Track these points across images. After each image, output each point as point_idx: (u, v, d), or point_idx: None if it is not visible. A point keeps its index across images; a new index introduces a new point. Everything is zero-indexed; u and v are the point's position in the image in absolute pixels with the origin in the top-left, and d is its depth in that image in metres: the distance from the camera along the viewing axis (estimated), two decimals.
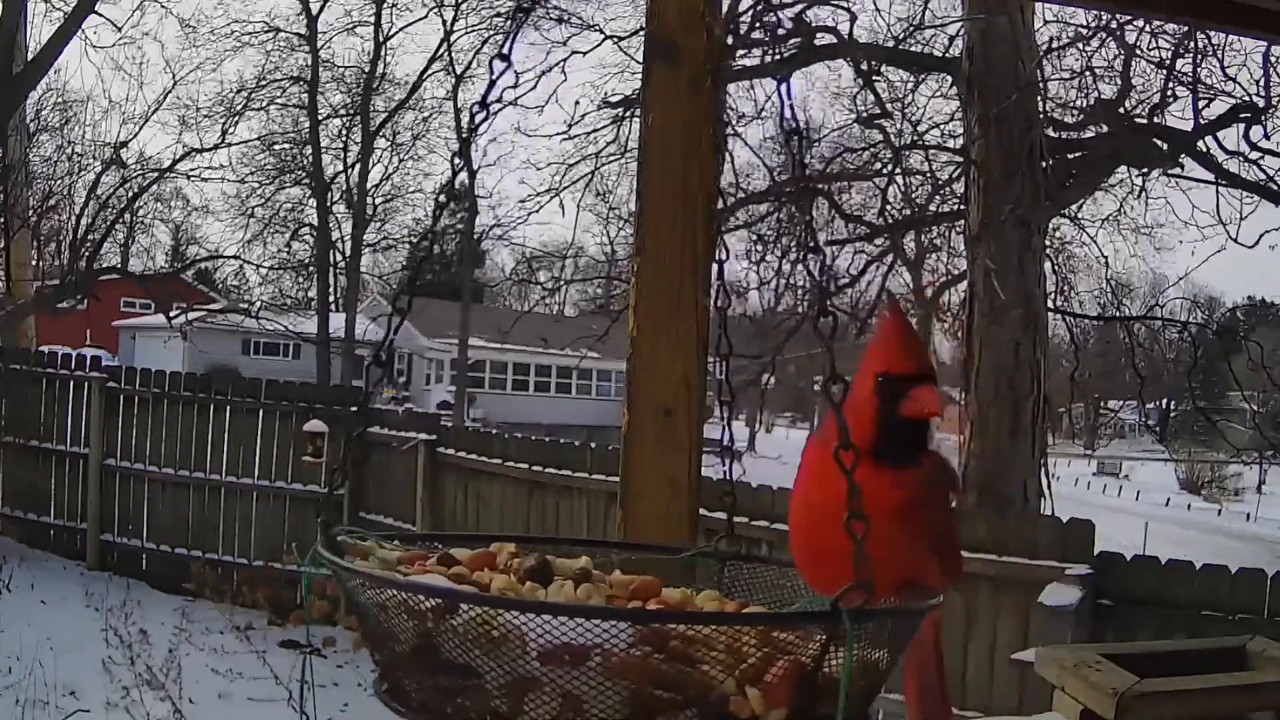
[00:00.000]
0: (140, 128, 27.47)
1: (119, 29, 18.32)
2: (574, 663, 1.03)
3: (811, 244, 1.35)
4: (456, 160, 1.51)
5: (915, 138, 10.74)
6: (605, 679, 1.03)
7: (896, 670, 1.21)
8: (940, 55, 9.86)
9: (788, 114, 1.36)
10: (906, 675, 1.38)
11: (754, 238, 11.15)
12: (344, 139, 29.42)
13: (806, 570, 1.28)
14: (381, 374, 1.51)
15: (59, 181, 18.68)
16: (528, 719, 1.04)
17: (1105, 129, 9.49)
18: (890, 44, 10.14)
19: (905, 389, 1.22)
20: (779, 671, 1.06)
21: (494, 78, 1.52)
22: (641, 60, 2.35)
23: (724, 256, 1.70)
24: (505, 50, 1.56)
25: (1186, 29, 8.44)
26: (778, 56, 9.28)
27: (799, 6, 9.23)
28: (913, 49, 10.19)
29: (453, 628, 1.07)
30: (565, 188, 11.65)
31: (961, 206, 9.56)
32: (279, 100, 27.22)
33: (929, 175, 10.91)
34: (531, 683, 1.04)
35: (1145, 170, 9.80)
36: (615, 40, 11.18)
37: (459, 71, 28.23)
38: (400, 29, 31.56)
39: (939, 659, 1.37)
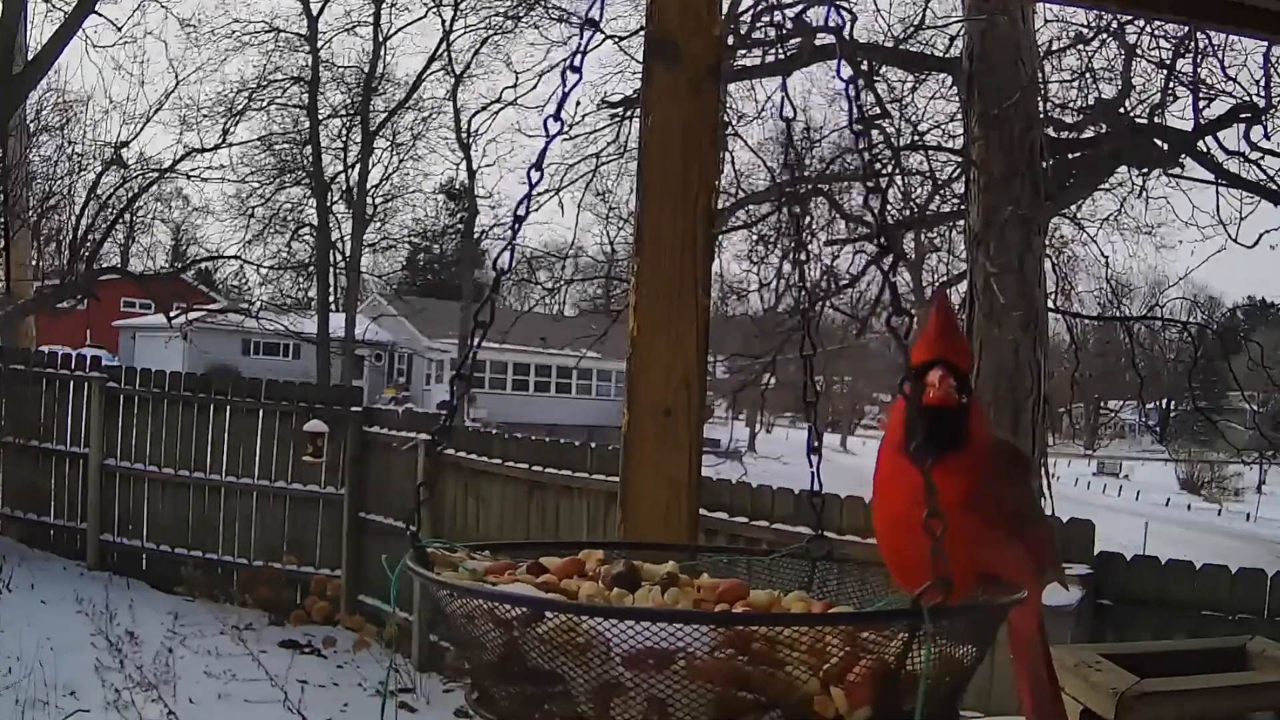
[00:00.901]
0: (141, 128, 27.60)
1: (119, 29, 18.37)
2: (659, 667, 1.04)
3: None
4: (532, 175, 1.54)
5: (915, 138, 10.73)
6: (690, 682, 1.04)
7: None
8: (940, 55, 9.85)
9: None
10: (1017, 672, 1.38)
11: (754, 237, 11.15)
12: (344, 139, 29.48)
13: (895, 574, 1.27)
14: (464, 387, 1.52)
15: (59, 181, 18.70)
16: None
17: (1105, 129, 9.49)
18: (890, 44, 10.13)
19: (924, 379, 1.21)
20: (862, 670, 1.07)
21: (566, 90, 1.54)
22: (641, 60, 2.34)
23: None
24: (576, 63, 1.58)
25: (1187, 29, 8.44)
26: (780, 56, 9.27)
27: (799, 6, 9.22)
28: (913, 49, 10.18)
29: (538, 635, 1.08)
30: (565, 188, 11.65)
31: (961, 207, 9.55)
32: (279, 100, 27.31)
33: (929, 175, 10.90)
34: (616, 688, 1.05)
35: (1145, 170, 9.79)
36: (616, 40, 11.17)
37: (459, 71, 28.28)
38: (399, 29, 31.77)
39: (1047, 653, 1.38)
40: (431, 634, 8.76)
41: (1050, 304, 9.28)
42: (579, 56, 1.59)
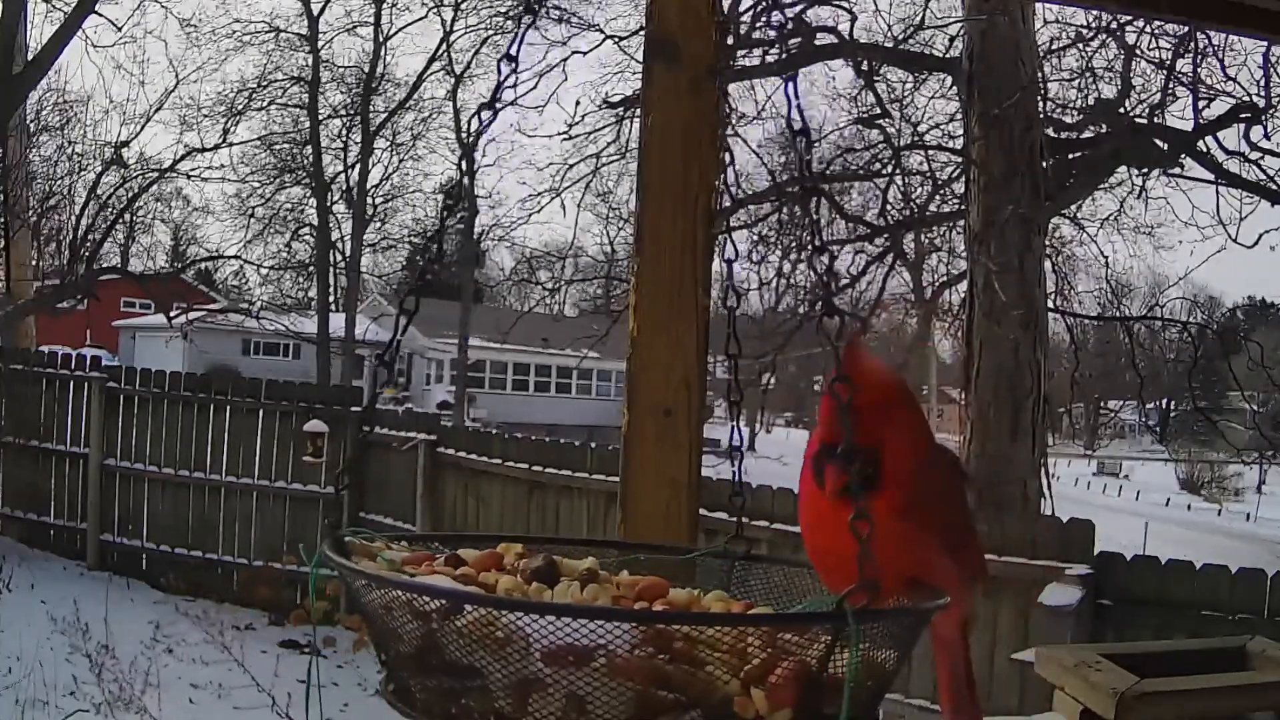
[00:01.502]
0: (141, 128, 27.55)
1: (119, 29, 18.32)
2: (578, 663, 1.02)
3: (817, 243, 1.32)
4: (462, 163, 1.49)
5: (915, 138, 10.73)
6: (609, 679, 1.02)
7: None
8: (940, 56, 9.85)
9: (795, 115, 1.32)
10: (938, 672, 1.37)
11: (755, 238, 11.15)
12: (344, 139, 29.45)
13: (821, 574, 1.27)
14: (388, 376, 1.46)
15: (59, 181, 18.68)
16: (534, 719, 1.04)
17: (1105, 129, 9.48)
18: (890, 45, 10.13)
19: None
20: (784, 672, 1.05)
21: (501, 79, 1.51)
22: (642, 60, 2.34)
23: (733, 255, 1.69)
24: (512, 51, 1.54)
25: (1186, 29, 8.43)
26: (782, 56, 9.27)
27: (799, 6, 9.21)
28: (913, 49, 10.18)
29: (457, 629, 1.07)
30: (566, 188, 11.65)
31: (962, 206, 9.55)
32: (280, 101, 27.27)
33: (929, 175, 10.89)
34: (536, 683, 1.04)
35: (1145, 170, 9.78)
36: (616, 40, 11.16)
37: (459, 72, 28.26)
38: (400, 29, 31.70)
39: (967, 658, 1.36)
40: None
41: (1050, 304, 9.28)
42: (516, 46, 1.56)
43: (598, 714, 1.03)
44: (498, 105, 1.51)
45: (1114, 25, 9.43)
